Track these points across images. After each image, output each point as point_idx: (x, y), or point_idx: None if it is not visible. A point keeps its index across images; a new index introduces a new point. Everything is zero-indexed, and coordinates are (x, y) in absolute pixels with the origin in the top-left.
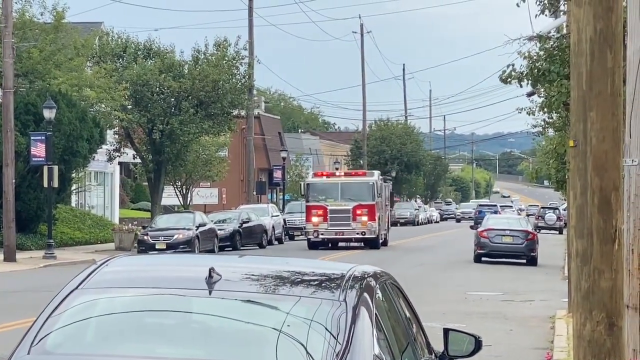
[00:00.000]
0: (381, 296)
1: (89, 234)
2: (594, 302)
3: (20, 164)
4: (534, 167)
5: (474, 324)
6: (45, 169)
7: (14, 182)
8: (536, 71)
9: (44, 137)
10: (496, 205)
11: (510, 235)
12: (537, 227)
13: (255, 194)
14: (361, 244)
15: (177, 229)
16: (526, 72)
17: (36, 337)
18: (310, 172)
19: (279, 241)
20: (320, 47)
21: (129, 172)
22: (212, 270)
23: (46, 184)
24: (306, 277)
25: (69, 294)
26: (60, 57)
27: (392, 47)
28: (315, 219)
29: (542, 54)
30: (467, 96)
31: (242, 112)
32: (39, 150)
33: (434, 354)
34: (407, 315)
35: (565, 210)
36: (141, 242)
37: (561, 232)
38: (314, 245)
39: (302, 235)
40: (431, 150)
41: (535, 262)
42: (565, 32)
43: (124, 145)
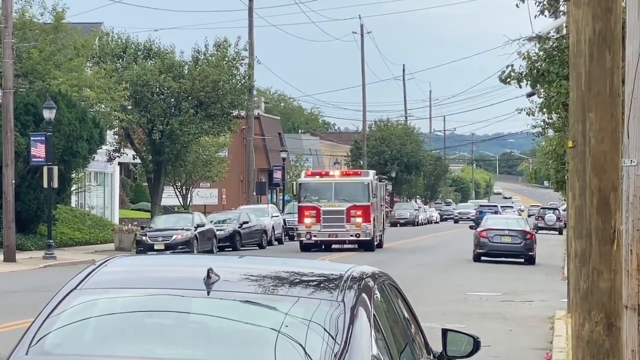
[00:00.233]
0: (379, 297)
1: (89, 234)
2: (593, 302)
3: (20, 165)
4: (534, 167)
5: (473, 325)
6: (45, 169)
7: (14, 182)
8: (535, 72)
9: (43, 138)
10: (497, 205)
11: (509, 235)
12: (537, 227)
13: (255, 194)
14: (355, 246)
15: (176, 229)
16: (525, 72)
17: (34, 337)
18: (303, 172)
19: (279, 242)
20: (320, 47)
21: (129, 173)
22: (210, 270)
23: (46, 185)
24: (304, 278)
25: (68, 294)
26: (60, 58)
27: (392, 48)
28: (307, 220)
29: (541, 54)
30: (467, 96)
31: (242, 113)
32: (38, 150)
33: (432, 355)
34: (406, 315)
35: (565, 210)
36: (139, 243)
37: (561, 233)
38: (306, 247)
39: None
40: (431, 150)
41: (533, 262)
42: (564, 32)
43: (124, 145)
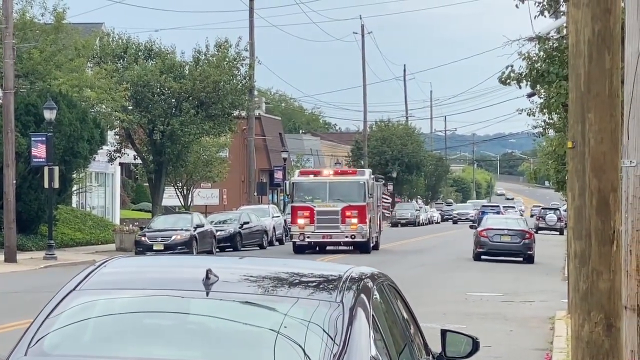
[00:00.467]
0: (378, 297)
1: (90, 234)
2: (592, 303)
3: (21, 165)
4: (534, 168)
5: (474, 325)
6: (45, 169)
7: (15, 182)
8: (535, 72)
9: (44, 138)
10: (499, 205)
11: (508, 234)
12: (538, 227)
13: (256, 194)
14: (350, 248)
15: (175, 230)
16: (525, 73)
17: (33, 338)
18: (296, 171)
19: (280, 242)
20: (321, 47)
21: (130, 173)
22: (209, 271)
23: (47, 185)
24: (303, 279)
25: (67, 295)
26: (60, 58)
27: (393, 48)
28: (301, 220)
29: (542, 54)
30: (468, 97)
31: (243, 113)
32: (39, 151)
33: (431, 355)
34: (405, 316)
35: (565, 211)
36: (138, 243)
37: (562, 233)
38: (299, 249)
39: None
40: (432, 151)
41: (532, 260)
42: (565, 33)
43: (125, 146)
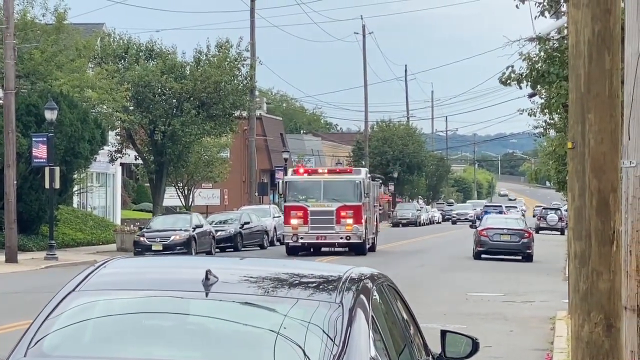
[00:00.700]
0: (378, 298)
1: (91, 235)
2: (592, 303)
3: (21, 165)
4: (535, 168)
5: (474, 325)
6: (46, 170)
7: (16, 183)
8: (535, 73)
9: (45, 139)
10: (501, 205)
11: (507, 234)
12: (539, 227)
13: (257, 195)
14: (346, 249)
15: (174, 230)
16: (526, 73)
17: (33, 339)
18: (290, 170)
19: (281, 242)
20: (322, 48)
21: (131, 173)
22: (208, 272)
23: (48, 185)
24: (303, 280)
25: (66, 296)
26: (61, 58)
27: (394, 48)
28: (294, 221)
29: (542, 55)
30: (469, 97)
31: (244, 113)
32: (40, 151)
33: (431, 356)
34: (404, 317)
35: (567, 211)
36: (137, 244)
37: (563, 233)
38: (292, 250)
39: None
40: (433, 151)
41: (531, 259)
42: (565, 33)
43: (126, 146)
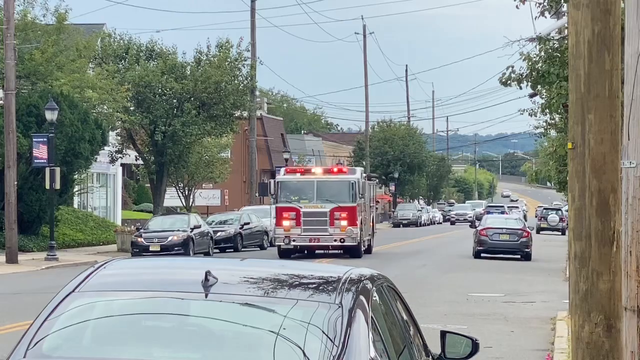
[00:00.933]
0: (378, 299)
1: (91, 235)
2: (592, 304)
3: (22, 166)
4: (535, 168)
5: (475, 326)
6: (47, 170)
7: (16, 183)
8: (535, 73)
9: (46, 139)
10: (503, 206)
11: (507, 233)
12: (540, 228)
13: (257, 195)
14: (341, 252)
15: (172, 230)
16: (526, 74)
17: (32, 340)
18: (282, 169)
19: None
20: (322, 48)
21: (131, 174)
22: (208, 273)
23: (48, 186)
24: (302, 280)
25: (66, 297)
26: (62, 59)
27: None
28: (286, 222)
29: (543, 55)
30: (470, 97)
31: (245, 114)
32: (41, 152)
33: (431, 357)
34: (404, 317)
35: (567, 211)
36: (135, 244)
37: (564, 233)
38: (284, 253)
39: None
40: (434, 151)
41: (529, 258)
42: (565, 33)
43: (126, 146)
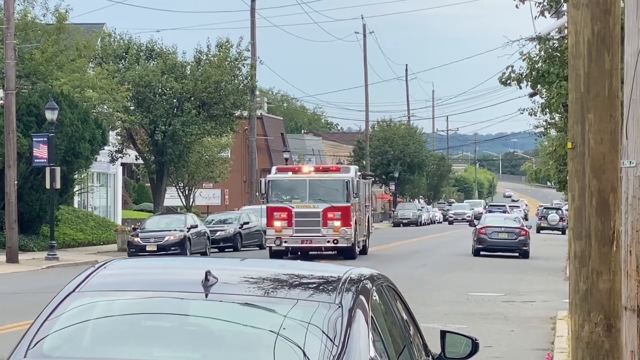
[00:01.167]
0: (378, 299)
1: (92, 235)
2: (592, 303)
3: (22, 166)
4: (535, 168)
5: (475, 325)
6: (47, 170)
7: (17, 183)
8: (535, 73)
9: (46, 139)
10: (505, 205)
11: (505, 232)
12: (540, 227)
13: (257, 194)
14: (334, 253)
15: (168, 230)
16: (526, 73)
17: (33, 340)
18: (273, 168)
19: None
20: (322, 47)
21: (132, 173)
22: (208, 273)
23: (48, 185)
24: (303, 280)
25: (67, 296)
26: (62, 59)
27: (395, 48)
28: (277, 223)
29: (542, 54)
30: (470, 96)
31: (245, 113)
32: (41, 151)
33: (431, 356)
34: (404, 317)
35: (567, 210)
36: (131, 244)
37: (564, 233)
38: (276, 255)
39: None
40: (434, 150)
41: (527, 256)
42: (565, 33)
43: (127, 146)
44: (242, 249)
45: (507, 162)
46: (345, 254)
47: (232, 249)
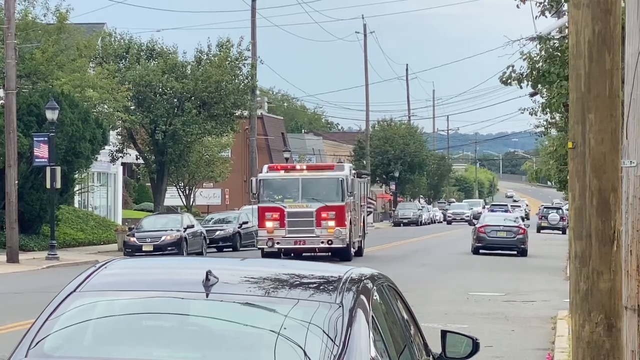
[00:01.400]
0: (378, 298)
1: (92, 234)
2: (593, 303)
3: (23, 165)
4: (536, 167)
5: (475, 325)
6: (48, 170)
7: (17, 183)
8: (536, 72)
9: (46, 138)
10: (507, 205)
11: (504, 230)
12: (541, 226)
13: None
14: (329, 254)
15: (165, 230)
16: (526, 73)
17: (34, 339)
18: (265, 167)
19: None
20: (323, 47)
21: (132, 173)
22: (209, 273)
23: (49, 185)
24: (303, 280)
25: (67, 296)
26: (62, 58)
27: (395, 47)
28: (269, 223)
29: (543, 54)
30: (470, 96)
31: (245, 113)
32: (41, 151)
33: (432, 356)
34: (405, 317)
35: (568, 210)
36: (127, 244)
37: (564, 232)
38: (268, 257)
39: None
40: (434, 150)
41: (525, 254)
42: (566, 32)
43: (127, 146)
44: (241, 249)
45: (508, 161)
46: (339, 255)
47: (231, 249)
